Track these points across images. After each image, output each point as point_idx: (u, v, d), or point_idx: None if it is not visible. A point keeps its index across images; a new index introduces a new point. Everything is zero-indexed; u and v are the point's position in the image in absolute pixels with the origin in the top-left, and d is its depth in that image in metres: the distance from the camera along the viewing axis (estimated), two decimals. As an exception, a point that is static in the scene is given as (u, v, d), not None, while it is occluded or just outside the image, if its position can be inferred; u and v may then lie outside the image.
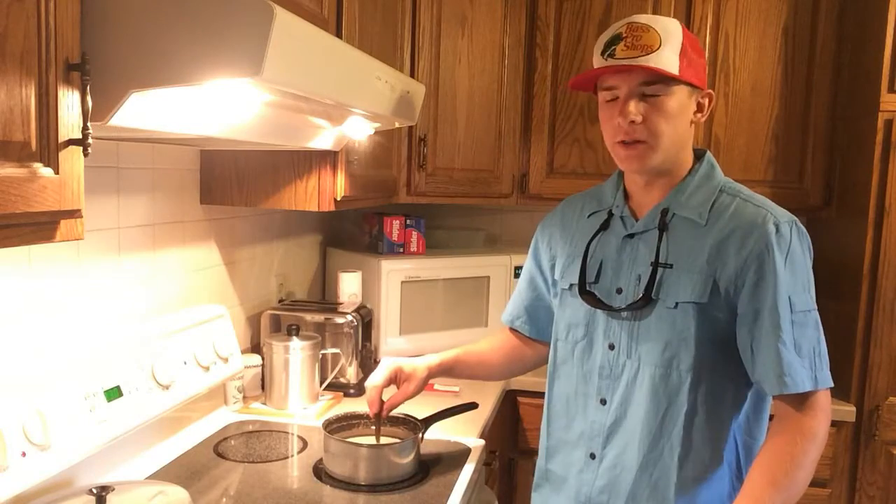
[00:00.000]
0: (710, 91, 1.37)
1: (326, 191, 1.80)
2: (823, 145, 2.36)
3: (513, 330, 1.67)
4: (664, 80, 1.28)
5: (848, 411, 2.13)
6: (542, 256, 1.58)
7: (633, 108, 1.30)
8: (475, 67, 2.44)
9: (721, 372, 1.32)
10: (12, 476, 1.11)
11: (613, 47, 1.30)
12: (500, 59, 2.49)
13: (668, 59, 1.27)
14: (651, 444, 1.34)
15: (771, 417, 1.35)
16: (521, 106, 2.54)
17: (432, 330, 2.46)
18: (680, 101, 1.31)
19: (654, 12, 2.41)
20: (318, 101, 1.29)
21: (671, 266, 1.33)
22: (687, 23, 2.40)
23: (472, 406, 1.74)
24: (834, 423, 2.15)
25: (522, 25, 2.51)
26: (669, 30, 1.29)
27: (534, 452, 2.32)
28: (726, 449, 1.34)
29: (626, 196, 1.44)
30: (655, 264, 1.33)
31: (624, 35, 1.30)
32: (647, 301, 1.33)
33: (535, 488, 1.56)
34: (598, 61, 1.33)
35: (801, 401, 1.25)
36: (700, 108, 1.35)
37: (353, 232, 2.80)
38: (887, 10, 2.03)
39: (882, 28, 2.05)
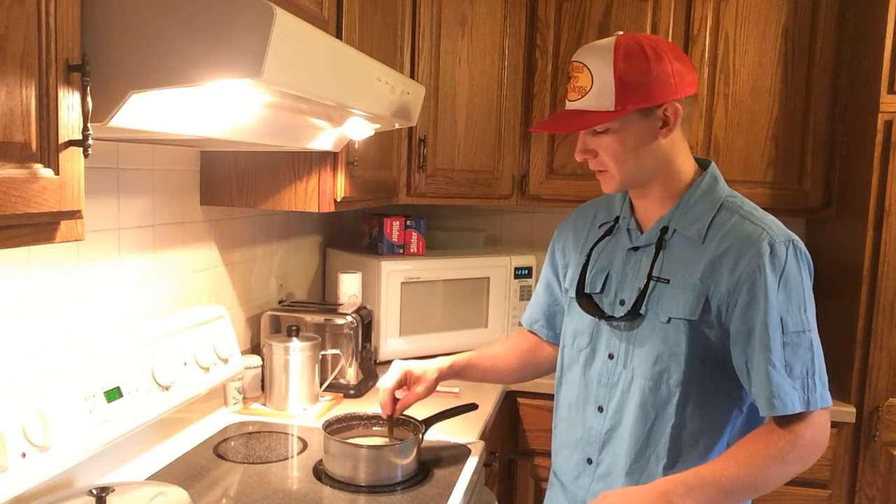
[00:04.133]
0: (675, 103, 1.28)
1: (326, 192, 1.80)
2: (823, 146, 2.36)
3: (532, 332, 1.68)
4: (599, 123, 1.27)
5: (848, 412, 2.13)
6: (557, 262, 1.59)
7: (581, 147, 1.33)
8: (475, 68, 2.44)
9: (713, 389, 1.32)
10: (12, 477, 1.11)
11: (567, 86, 1.32)
12: (500, 60, 2.49)
13: (601, 98, 1.25)
14: (638, 452, 1.36)
15: None
16: (521, 107, 2.54)
17: (432, 331, 2.46)
18: (630, 130, 1.28)
19: (654, 13, 2.41)
20: (318, 102, 1.29)
21: (667, 281, 1.33)
22: (687, 23, 2.40)
23: (472, 407, 1.74)
24: (834, 424, 2.14)
25: (522, 26, 2.51)
26: (601, 64, 1.25)
27: (534, 453, 2.34)
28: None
29: (632, 206, 1.44)
30: (649, 279, 1.34)
31: (570, 74, 1.30)
32: (636, 314, 1.34)
33: (549, 487, 1.59)
34: None
35: (792, 420, 1.25)
36: (665, 121, 1.29)
37: (352, 233, 2.81)
38: (887, 11, 2.03)
39: (882, 28, 2.05)
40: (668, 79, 1.27)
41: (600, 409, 1.41)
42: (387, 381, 1.56)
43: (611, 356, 1.40)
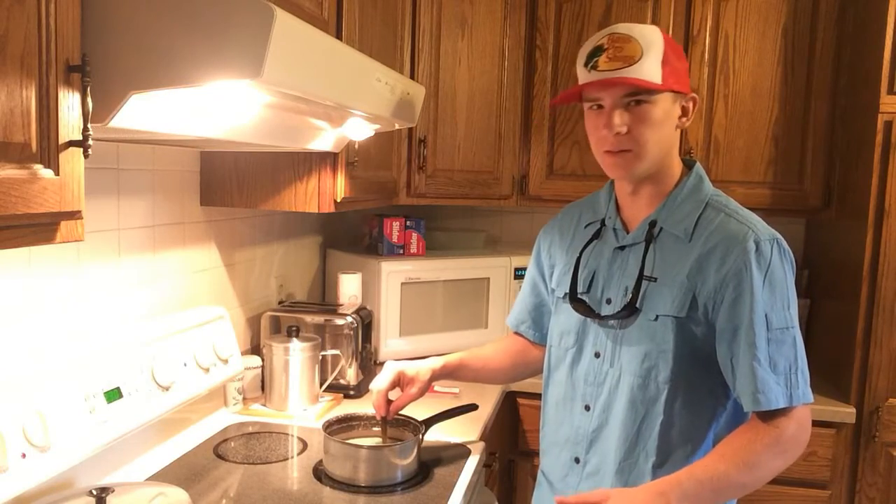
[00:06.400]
0: (694, 95, 1.37)
1: (326, 192, 1.80)
2: (823, 147, 2.36)
3: (518, 334, 1.68)
4: (647, 90, 1.28)
5: (848, 413, 2.13)
6: (543, 263, 1.59)
7: (618, 119, 1.30)
8: (475, 69, 2.44)
9: (700, 386, 1.33)
10: (12, 477, 1.11)
11: (596, 59, 1.29)
12: (500, 60, 2.49)
13: (650, 69, 1.27)
14: (627, 450, 1.36)
15: None
16: (521, 107, 2.55)
17: (432, 331, 2.46)
18: (664, 108, 1.31)
19: (654, 14, 2.42)
20: (318, 102, 1.29)
21: (655, 279, 1.34)
22: (687, 24, 2.40)
23: (472, 407, 1.74)
24: (833, 425, 2.16)
25: (522, 27, 2.51)
26: (650, 39, 1.28)
27: (534, 453, 2.33)
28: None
29: (618, 206, 1.44)
30: (640, 276, 1.34)
31: (606, 46, 1.29)
32: (630, 312, 1.35)
33: (536, 487, 1.59)
34: (581, 72, 1.33)
35: (775, 415, 1.26)
36: (685, 112, 1.36)
37: (353, 233, 2.81)
38: (887, 11, 2.03)
39: (882, 29, 2.05)
40: (687, 73, 1.36)
41: (587, 408, 1.42)
42: (380, 382, 1.57)
43: (597, 354, 1.41)
